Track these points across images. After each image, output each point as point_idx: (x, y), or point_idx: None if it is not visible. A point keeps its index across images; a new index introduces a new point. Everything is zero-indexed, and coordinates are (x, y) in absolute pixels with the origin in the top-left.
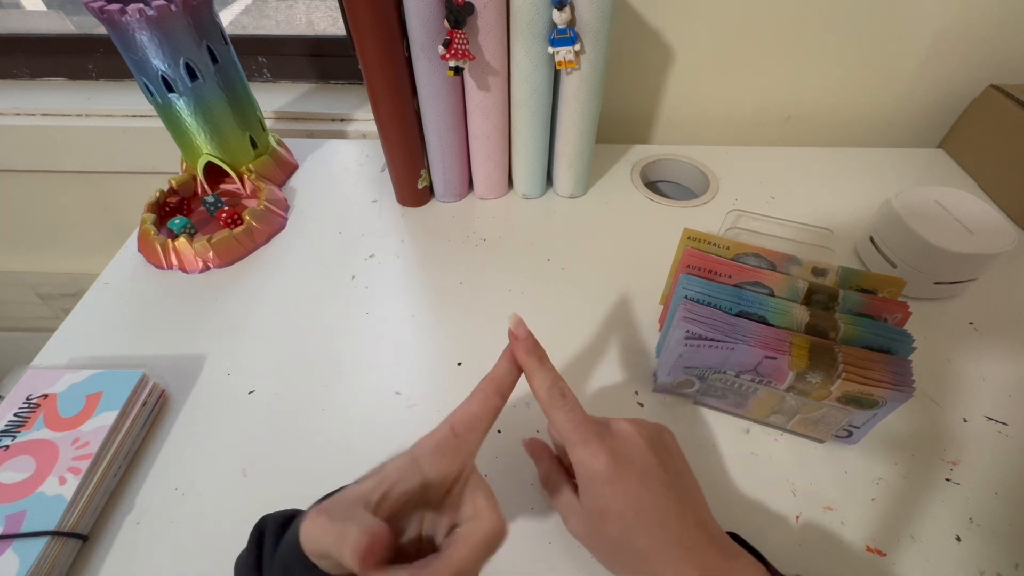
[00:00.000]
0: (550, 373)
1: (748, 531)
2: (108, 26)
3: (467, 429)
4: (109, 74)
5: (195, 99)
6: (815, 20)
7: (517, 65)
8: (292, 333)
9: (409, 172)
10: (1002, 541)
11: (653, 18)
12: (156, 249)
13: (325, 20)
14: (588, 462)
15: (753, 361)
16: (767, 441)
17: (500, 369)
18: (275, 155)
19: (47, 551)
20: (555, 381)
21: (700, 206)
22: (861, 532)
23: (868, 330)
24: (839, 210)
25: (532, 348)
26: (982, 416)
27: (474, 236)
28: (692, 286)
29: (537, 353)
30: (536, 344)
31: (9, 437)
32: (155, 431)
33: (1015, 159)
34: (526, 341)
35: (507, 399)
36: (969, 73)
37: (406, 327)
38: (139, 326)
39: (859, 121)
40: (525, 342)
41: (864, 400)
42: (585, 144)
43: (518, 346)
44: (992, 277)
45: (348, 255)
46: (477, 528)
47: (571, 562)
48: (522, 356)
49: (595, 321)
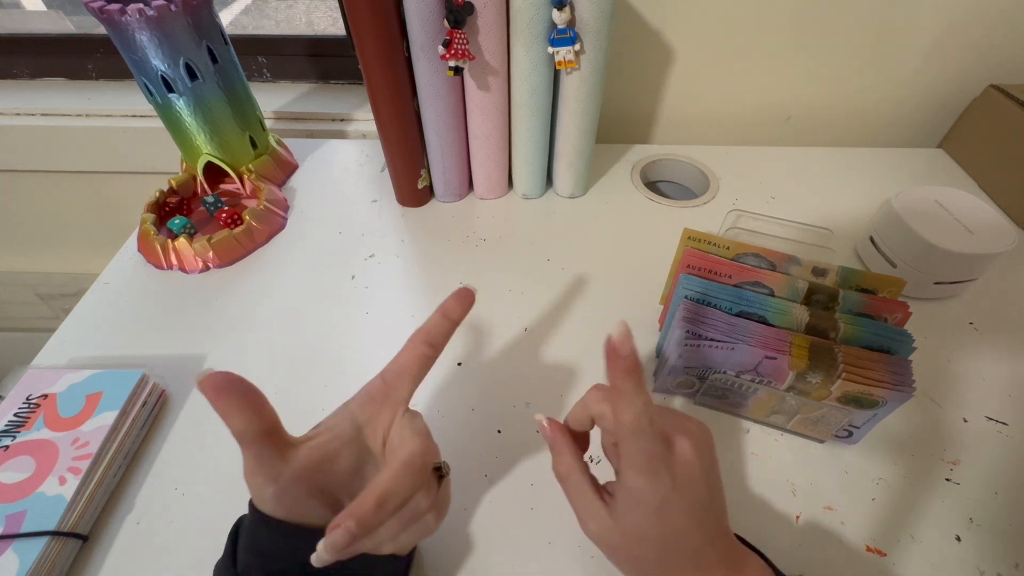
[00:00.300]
0: (644, 397)
1: (748, 531)
2: (108, 26)
3: (395, 376)
4: (109, 74)
5: (195, 99)
6: (815, 20)
7: (517, 65)
8: (292, 333)
9: (409, 172)
10: (1002, 541)
11: (653, 18)
12: (156, 249)
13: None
14: (646, 494)
15: (753, 361)
16: (767, 441)
17: (431, 321)
18: (275, 155)
19: (47, 551)
20: (647, 406)
21: (700, 206)
22: (861, 532)
23: (868, 330)
24: (839, 210)
25: (632, 369)
26: (982, 416)
27: (474, 236)
28: (692, 286)
29: (637, 375)
30: (638, 364)
31: (9, 437)
32: (155, 431)
33: (1015, 159)
34: (627, 360)
35: (438, 351)
36: (969, 73)
37: (406, 327)
38: (139, 326)
39: (859, 121)
40: (626, 361)
41: (864, 400)
42: (585, 144)
43: (616, 364)
44: (992, 277)
45: (348, 255)
46: (399, 452)
47: (571, 562)
48: (619, 376)
49: (595, 321)
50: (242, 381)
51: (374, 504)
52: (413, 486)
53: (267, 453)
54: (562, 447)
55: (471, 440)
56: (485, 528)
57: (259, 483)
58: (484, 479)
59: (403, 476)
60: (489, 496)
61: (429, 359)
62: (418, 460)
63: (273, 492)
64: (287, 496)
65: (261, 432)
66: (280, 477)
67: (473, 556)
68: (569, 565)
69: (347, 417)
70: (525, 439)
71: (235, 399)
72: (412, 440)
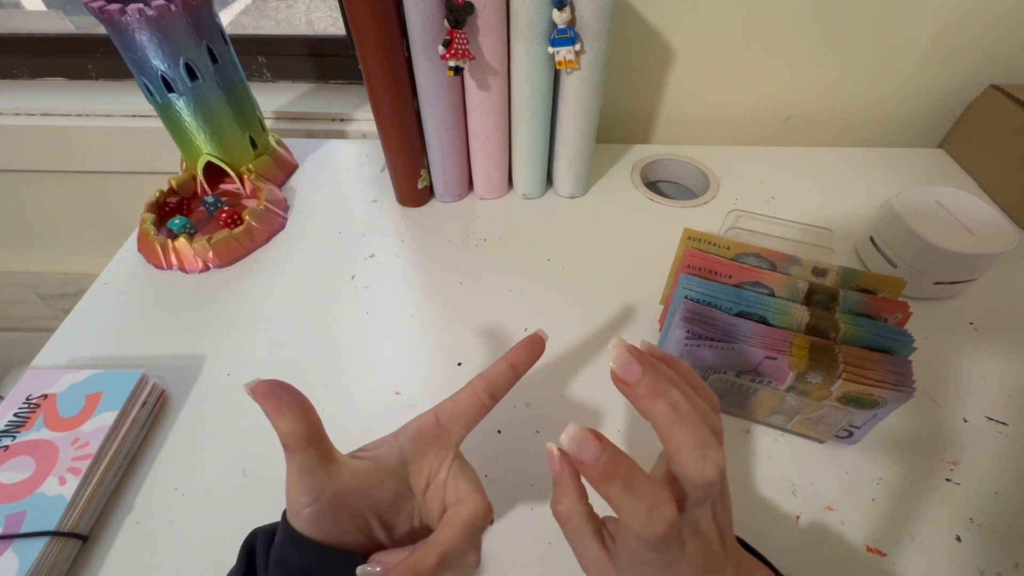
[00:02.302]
0: (649, 498)
1: (748, 531)
2: (108, 26)
3: (450, 420)
4: (109, 74)
5: (195, 99)
6: (815, 20)
7: (517, 65)
8: (292, 333)
9: (409, 172)
10: (1002, 541)
11: (653, 18)
12: (156, 249)
13: (325, 20)
14: (652, 562)
15: (753, 361)
16: (767, 441)
17: (496, 370)
18: (275, 155)
19: (47, 551)
20: (658, 507)
21: (700, 206)
22: (861, 532)
23: (868, 330)
24: (839, 210)
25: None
26: (982, 416)
27: (474, 236)
28: (692, 286)
29: (618, 475)
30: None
31: (9, 437)
32: (155, 431)
33: (1015, 159)
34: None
35: (497, 401)
36: (969, 73)
37: (406, 327)
38: (139, 326)
39: (859, 121)
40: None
41: (864, 400)
42: (585, 144)
43: (587, 471)
44: (992, 277)
45: (348, 255)
46: (461, 510)
47: (571, 562)
48: (599, 485)
49: (595, 321)
50: (290, 386)
51: (435, 563)
52: (471, 545)
53: (311, 462)
54: (567, 486)
55: (471, 440)
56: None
57: (299, 499)
58: (484, 479)
59: (465, 537)
60: (489, 496)
61: (487, 410)
62: (480, 522)
63: (311, 512)
64: (324, 517)
65: (308, 436)
66: (321, 496)
67: None
68: (569, 565)
69: (396, 450)
70: (525, 439)
71: (285, 398)
72: (473, 499)
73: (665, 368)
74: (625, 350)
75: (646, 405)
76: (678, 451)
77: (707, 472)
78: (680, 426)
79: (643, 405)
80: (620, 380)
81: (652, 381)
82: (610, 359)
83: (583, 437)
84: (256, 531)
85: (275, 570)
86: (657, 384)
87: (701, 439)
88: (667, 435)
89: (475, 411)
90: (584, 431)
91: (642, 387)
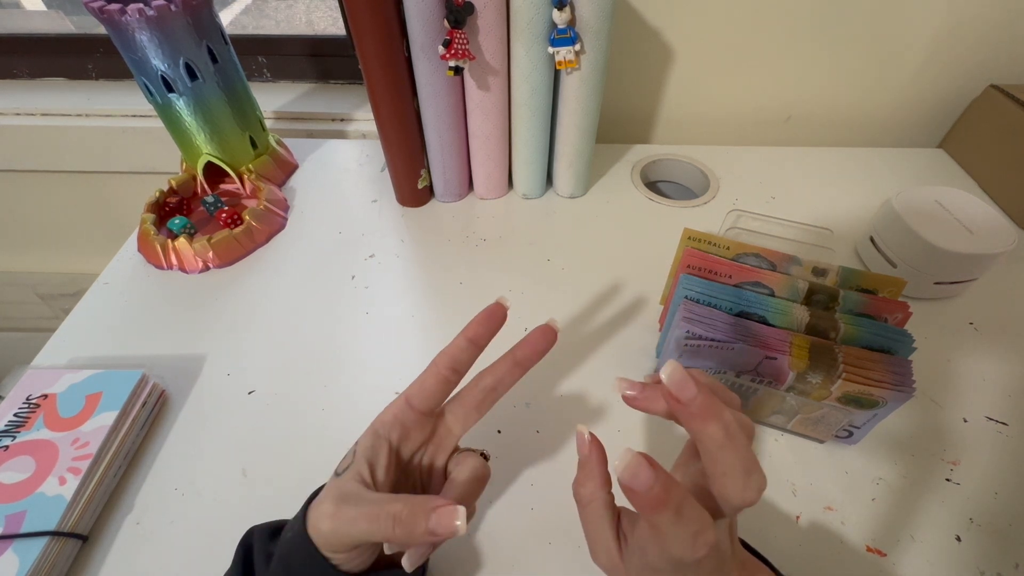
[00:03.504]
0: (694, 525)
1: (749, 531)
2: (108, 26)
3: (421, 402)
4: (109, 74)
5: (195, 99)
6: (815, 20)
7: (517, 65)
8: (292, 333)
9: (409, 172)
10: (1002, 541)
11: (653, 18)
12: (156, 249)
13: (325, 20)
14: (664, 570)
15: (753, 361)
16: (767, 441)
17: (455, 345)
18: (275, 155)
19: (47, 551)
20: (702, 533)
21: (700, 206)
22: (861, 532)
23: (868, 330)
24: (839, 210)
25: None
26: (982, 416)
27: (474, 236)
28: (692, 286)
29: (668, 503)
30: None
31: (9, 437)
32: (155, 431)
33: (1015, 159)
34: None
35: (462, 375)
36: (969, 73)
37: (406, 327)
38: (139, 326)
39: (859, 121)
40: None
41: (864, 400)
42: (585, 144)
43: (638, 501)
44: (992, 277)
45: (348, 255)
46: (464, 469)
47: (571, 562)
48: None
49: (595, 321)
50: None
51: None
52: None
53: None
54: (592, 471)
55: (471, 440)
56: (485, 528)
57: (363, 529)
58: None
59: (474, 490)
60: (489, 496)
61: (454, 385)
62: (484, 476)
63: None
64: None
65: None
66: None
67: (473, 556)
68: (569, 565)
69: (383, 444)
70: (525, 439)
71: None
72: (471, 459)
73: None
74: (679, 367)
75: (697, 426)
76: (724, 475)
77: (748, 496)
78: (730, 451)
79: (694, 425)
80: (673, 398)
81: (706, 401)
82: (663, 374)
83: (637, 464)
84: (253, 529)
85: (276, 566)
86: (712, 405)
87: (747, 464)
88: (715, 458)
89: (441, 387)
90: (638, 458)
91: (695, 406)
